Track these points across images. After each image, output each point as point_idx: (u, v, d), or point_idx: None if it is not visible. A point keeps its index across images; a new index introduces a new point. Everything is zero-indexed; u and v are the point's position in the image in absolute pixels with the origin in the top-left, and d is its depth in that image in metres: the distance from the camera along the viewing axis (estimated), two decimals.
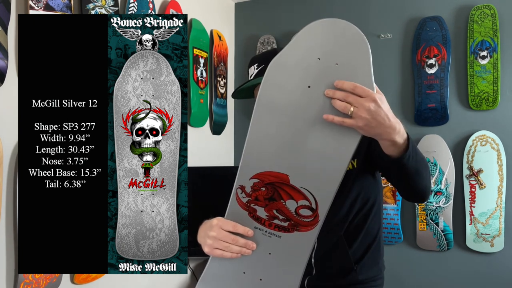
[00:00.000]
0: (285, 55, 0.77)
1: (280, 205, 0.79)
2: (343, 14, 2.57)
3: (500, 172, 2.21)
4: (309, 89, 0.76)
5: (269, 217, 0.81)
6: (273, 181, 0.79)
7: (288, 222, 0.80)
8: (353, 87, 0.74)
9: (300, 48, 0.76)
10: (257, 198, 0.80)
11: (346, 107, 0.74)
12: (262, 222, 0.81)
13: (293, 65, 0.77)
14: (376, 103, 0.74)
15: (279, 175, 0.79)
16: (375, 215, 1.13)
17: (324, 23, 0.75)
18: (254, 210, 0.81)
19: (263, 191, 0.80)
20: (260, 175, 0.80)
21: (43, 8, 1.44)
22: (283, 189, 0.79)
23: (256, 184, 0.80)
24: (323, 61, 0.75)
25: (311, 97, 0.76)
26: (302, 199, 0.79)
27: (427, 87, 2.36)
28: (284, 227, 0.80)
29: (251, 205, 0.81)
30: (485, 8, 2.24)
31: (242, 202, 0.82)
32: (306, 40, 0.76)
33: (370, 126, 0.75)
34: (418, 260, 2.39)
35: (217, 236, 0.86)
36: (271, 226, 0.81)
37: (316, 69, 0.76)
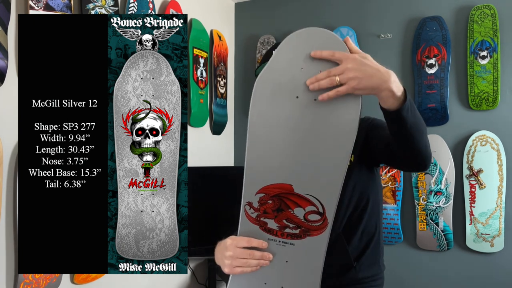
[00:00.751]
0: (269, 71, 0.80)
1: (289, 214, 0.82)
2: (343, 14, 2.57)
3: (500, 172, 2.21)
4: (298, 99, 0.78)
5: (280, 227, 0.83)
6: (278, 192, 0.81)
7: (299, 229, 0.83)
8: (331, 53, 0.75)
9: (282, 62, 0.79)
10: (266, 211, 0.83)
11: (331, 79, 0.75)
12: (274, 233, 0.84)
13: (278, 79, 0.79)
14: (358, 60, 0.74)
15: (283, 186, 0.81)
16: (373, 212, 1.13)
17: (299, 34, 0.79)
18: (264, 223, 0.84)
19: (270, 203, 0.82)
20: (264, 189, 0.82)
21: (43, 8, 1.44)
22: (289, 199, 0.81)
23: (263, 198, 0.83)
24: (306, 70, 0.78)
25: (301, 106, 0.78)
26: (309, 205, 0.81)
27: (427, 87, 2.36)
28: (296, 234, 0.83)
29: (261, 219, 0.84)
30: (485, 8, 2.24)
31: (252, 217, 0.85)
32: (286, 53, 0.79)
33: (364, 81, 0.75)
34: (418, 260, 2.39)
35: (233, 254, 0.87)
36: (283, 236, 0.83)
37: (301, 79, 0.78)
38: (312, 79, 0.77)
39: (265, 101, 0.80)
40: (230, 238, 0.90)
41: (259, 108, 0.81)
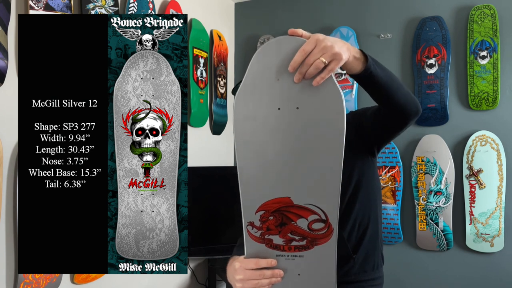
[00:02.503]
0: (245, 88, 0.79)
1: (293, 227, 0.81)
2: (343, 14, 2.57)
3: (500, 172, 2.21)
4: (280, 110, 0.78)
5: (286, 241, 0.82)
6: (278, 207, 0.81)
7: (305, 240, 0.82)
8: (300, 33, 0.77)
9: (257, 76, 0.78)
10: (269, 228, 0.82)
11: (317, 64, 0.75)
12: (282, 248, 0.83)
13: (257, 94, 0.78)
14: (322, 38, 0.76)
15: (281, 200, 0.80)
16: (367, 201, 1.12)
17: (268, 45, 0.77)
18: (270, 240, 0.83)
19: (272, 219, 0.81)
20: (263, 206, 0.81)
21: (43, 8, 1.44)
22: (290, 211, 0.80)
23: (263, 216, 0.81)
24: (281, 80, 0.77)
25: (285, 117, 0.78)
26: (310, 214, 0.80)
27: (427, 87, 2.36)
28: (303, 246, 0.82)
29: (266, 236, 0.83)
30: (485, 8, 2.25)
31: (256, 236, 0.83)
32: (259, 66, 0.78)
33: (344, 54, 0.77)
34: (418, 260, 2.39)
35: (244, 277, 0.86)
36: (291, 249, 0.82)
37: (279, 90, 0.77)
38: (296, 76, 0.77)
39: (248, 120, 0.79)
40: (238, 261, 0.89)
41: (243, 129, 0.80)
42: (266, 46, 0.77)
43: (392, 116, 1.02)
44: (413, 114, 0.99)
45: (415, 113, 1.00)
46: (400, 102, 0.96)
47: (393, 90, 0.94)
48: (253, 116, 0.79)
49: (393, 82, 0.93)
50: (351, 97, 2.43)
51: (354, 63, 0.85)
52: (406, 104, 0.97)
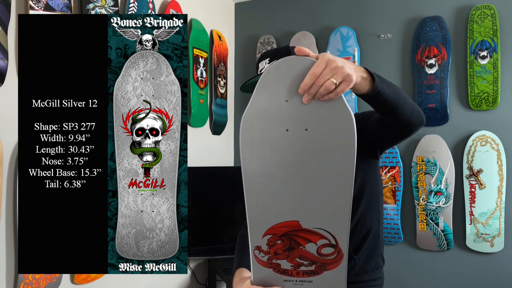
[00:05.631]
0: (253, 109, 0.77)
1: (301, 252, 0.78)
2: (343, 14, 2.57)
3: (500, 172, 2.21)
4: (288, 132, 0.76)
5: (295, 266, 0.80)
6: (286, 231, 0.78)
7: (314, 265, 0.79)
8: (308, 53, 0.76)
9: (265, 97, 0.76)
10: (277, 253, 0.80)
11: (328, 84, 0.73)
12: (290, 273, 0.80)
13: (264, 116, 0.76)
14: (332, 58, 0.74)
15: (289, 224, 0.78)
16: (371, 204, 1.12)
17: (278, 65, 0.76)
18: (277, 265, 0.80)
19: (279, 244, 0.79)
20: (271, 230, 0.79)
21: (43, 8, 1.44)
22: (299, 236, 0.78)
23: (271, 240, 0.79)
24: (290, 101, 0.75)
25: (293, 139, 0.76)
26: (320, 239, 0.78)
27: (427, 87, 2.36)
28: (312, 271, 0.79)
29: (273, 261, 0.80)
30: (485, 8, 2.24)
31: (263, 261, 0.81)
32: (267, 87, 0.76)
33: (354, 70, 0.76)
34: (418, 260, 2.39)
35: None
36: (299, 275, 0.80)
37: (287, 111, 0.75)
38: (305, 97, 0.75)
39: (255, 142, 0.78)
40: (244, 286, 0.87)
41: (251, 151, 0.78)
42: (274, 67, 0.75)
43: (397, 127, 1.03)
44: (418, 125, 1.01)
45: (419, 124, 1.01)
46: (406, 116, 0.97)
47: (399, 105, 0.94)
48: (261, 139, 0.77)
49: (399, 98, 0.94)
50: (351, 97, 2.43)
51: (362, 83, 0.84)
52: (411, 117, 0.98)
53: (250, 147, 0.77)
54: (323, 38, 2.60)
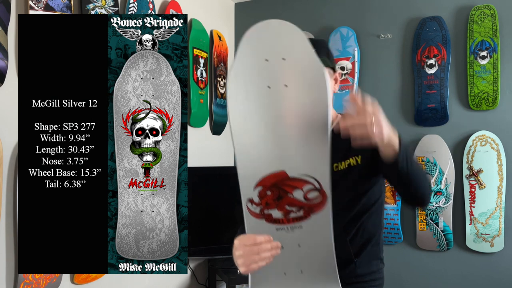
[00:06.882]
0: (236, 69, 0.82)
1: (289, 199, 0.84)
2: (343, 14, 2.57)
3: (500, 172, 2.21)
4: (270, 89, 0.82)
5: (285, 214, 0.85)
6: (274, 181, 0.84)
7: (302, 210, 0.85)
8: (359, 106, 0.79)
9: (246, 57, 0.81)
10: (267, 203, 0.85)
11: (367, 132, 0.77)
12: (281, 221, 0.85)
13: (247, 74, 0.82)
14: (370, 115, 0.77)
15: (277, 175, 0.84)
16: (377, 213, 1.14)
17: (258, 27, 0.81)
18: (269, 215, 0.85)
19: (269, 195, 0.84)
20: (261, 182, 0.84)
21: (43, 8, 1.44)
22: (286, 184, 0.83)
23: (261, 192, 0.84)
24: (270, 60, 0.81)
25: (274, 94, 0.82)
26: (305, 184, 0.84)
27: (427, 87, 2.36)
28: (301, 216, 0.85)
29: (265, 212, 0.85)
30: (485, 8, 2.24)
31: (256, 212, 0.86)
32: (248, 48, 0.81)
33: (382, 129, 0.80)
34: (418, 260, 2.39)
35: (243, 253, 0.88)
36: (289, 221, 0.85)
37: (268, 69, 0.81)
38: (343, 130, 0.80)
39: (240, 98, 0.83)
40: (237, 239, 0.91)
41: (237, 107, 0.83)
42: (255, 29, 0.81)
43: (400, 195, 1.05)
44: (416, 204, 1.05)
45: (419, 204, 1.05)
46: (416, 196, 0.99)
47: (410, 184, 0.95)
48: (246, 95, 0.82)
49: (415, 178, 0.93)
50: None
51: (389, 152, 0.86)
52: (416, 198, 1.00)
53: (236, 103, 0.82)
54: (323, 38, 2.60)
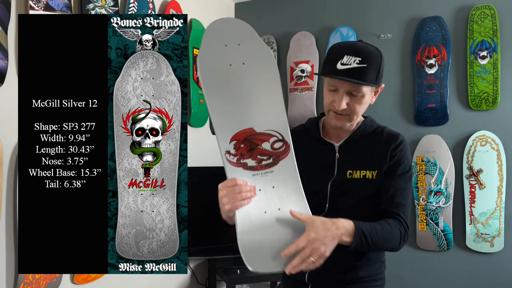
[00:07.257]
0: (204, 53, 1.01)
1: (260, 150, 1.03)
2: (343, 14, 2.57)
3: (500, 172, 2.21)
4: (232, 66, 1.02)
5: (258, 162, 1.03)
6: (245, 136, 1.02)
7: (272, 158, 1.03)
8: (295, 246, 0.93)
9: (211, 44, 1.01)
10: (242, 153, 1.02)
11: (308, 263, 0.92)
12: (255, 168, 1.03)
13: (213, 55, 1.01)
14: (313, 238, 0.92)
15: (247, 131, 1.02)
16: None
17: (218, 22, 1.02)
18: (245, 164, 1.02)
19: (243, 147, 1.02)
20: (234, 137, 1.02)
21: (43, 8, 1.44)
22: (256, 138, 1.03)
23: (236, 144, 1.02)
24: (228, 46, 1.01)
25: (236, 70, 1.02)
26: (270, 137, 1.03)
27: (427, 87, 2.36)
28: (271, 163, 1.03)
29: (241, 161, 1.02)
30: (485, 8, 2.25)
31: (233, 162, 1.02)
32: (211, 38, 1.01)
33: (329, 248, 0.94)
34: (418, 260, 2.39)
35: (227, 193, 0.99)
36: (262, 168, 1.03)
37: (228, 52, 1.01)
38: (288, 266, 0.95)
39: (209, 76, 1.01)
40: (219, 184, 1.02)
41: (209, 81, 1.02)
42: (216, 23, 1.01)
43: None
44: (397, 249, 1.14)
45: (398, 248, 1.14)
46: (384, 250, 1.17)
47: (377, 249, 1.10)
48: (213, 73, 1.01)
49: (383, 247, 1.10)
50: None
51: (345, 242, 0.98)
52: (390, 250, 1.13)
53: (206, 80, 1.02)
54: (323, 38, 2.60)
